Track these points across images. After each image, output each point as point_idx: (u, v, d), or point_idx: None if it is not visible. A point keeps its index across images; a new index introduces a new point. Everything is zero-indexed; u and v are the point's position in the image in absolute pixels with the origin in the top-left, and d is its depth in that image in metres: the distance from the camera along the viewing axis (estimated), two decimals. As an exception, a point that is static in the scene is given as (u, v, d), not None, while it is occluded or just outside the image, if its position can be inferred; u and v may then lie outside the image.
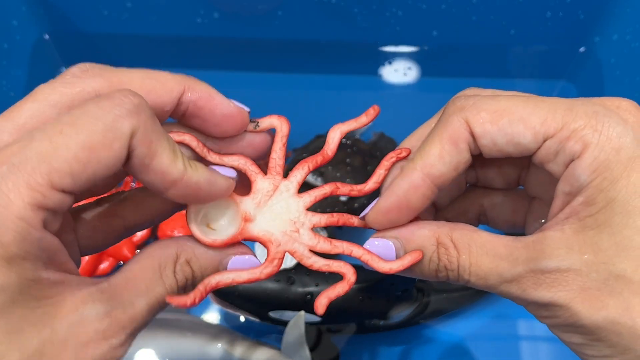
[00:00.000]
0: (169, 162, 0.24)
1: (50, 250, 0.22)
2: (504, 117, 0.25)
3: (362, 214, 0.28)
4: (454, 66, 0.64)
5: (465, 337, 0.54)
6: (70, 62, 0.64)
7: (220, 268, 0.27)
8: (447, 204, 0.32)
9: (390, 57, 0.64)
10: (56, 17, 0.61)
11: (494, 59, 0.64)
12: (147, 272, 0.25)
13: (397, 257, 0.27)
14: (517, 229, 0.32)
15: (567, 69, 0.64)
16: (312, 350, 0.49)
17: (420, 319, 0.53)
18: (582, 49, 0.62)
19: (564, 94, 0.64)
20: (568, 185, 0.25)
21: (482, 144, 0.26)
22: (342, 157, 0.55)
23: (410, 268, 0.26)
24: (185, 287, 0.26)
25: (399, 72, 0.65)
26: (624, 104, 0.26)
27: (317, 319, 0.50)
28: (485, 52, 0.63)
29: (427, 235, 0.26)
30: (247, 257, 0.28)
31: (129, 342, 0.24)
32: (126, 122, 0.22)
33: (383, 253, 0.27)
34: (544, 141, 0.25)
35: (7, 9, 0.60)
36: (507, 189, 0.31)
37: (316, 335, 0.50)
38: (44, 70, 0.63)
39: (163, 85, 0.27)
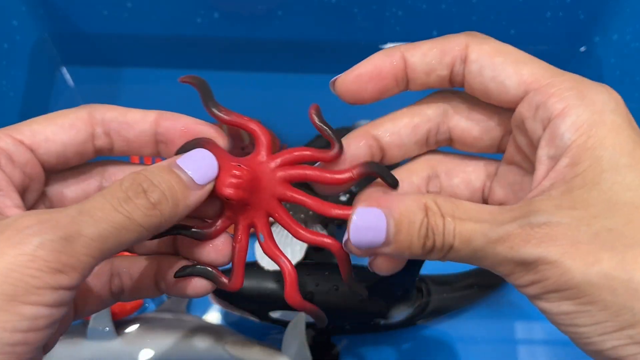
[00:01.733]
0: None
1: None
2: (502, 56, 0.26)
3: (342, 240, 0.28)
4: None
5: (465, 337, 0.54)
6: (70, 62, 0.64)
7: (172, 168, 0.26)
8: (398, 157, 0.30)
9: (390, 57, 0.64)
10: (56, 17, 0.61)
11: (494, 59, 0.64)
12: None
13: (388, 226, 0.25)
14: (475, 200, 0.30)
15: (567, 69, 0.63)
16: (312, 350, 0.49)
17: (420, 319, 0.53)
18: (582, 49, 0.62)
19: (564, 94, 0.64)
20: (552, 147, 0.25)
21: (470, 70, 0.27)
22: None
23: (398, 238, 0.25)
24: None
25: (399, 72, 0.65)
26: (608, 87, 0.26)
27: (317, 319, 0.50)
28: (485, 52, 0.63)
29: (413, 200, 0.25)
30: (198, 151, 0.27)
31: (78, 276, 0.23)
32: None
33: (371, 224, 0.25)
34: (527, 93, 0.25)
35: (7, 9, 0.60)
36: (467, 159, 0.30)
37: (316, 335, 0.50)
38: (44, 70, 0.63)
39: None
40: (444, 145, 0.30)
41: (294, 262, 0.50)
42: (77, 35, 0.63)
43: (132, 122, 0.28)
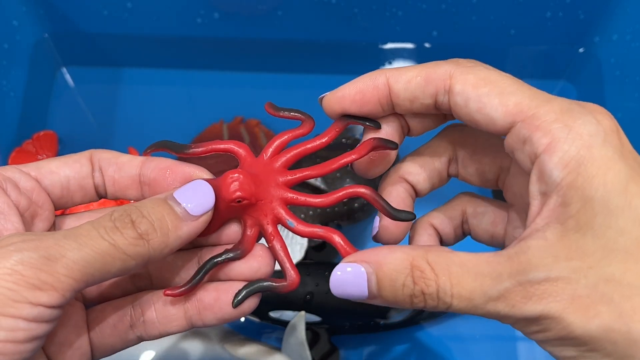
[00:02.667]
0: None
1: None
2: (487, 86, 0.25)
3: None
4: (454, 66, 0.64)
5: (465, 337, 0.54)
6: (70, 62, 0.64)
7: (167, 200, 0.26)
8: (427, 190, 0.31)
9: (390, 57, 0.64)
10: (56, 17, 0.61)
11: (494, 59, 0.64)
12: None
13: (369, 283, 0.25)
14: (495, 243, 0.31)
15: (567, 69, 0.64)
16: (312, 350, 0.49)
17: (420, 319, 0.53)
18: (582, 49, 0.62)
19: (564, 94, 0.64)
20: (543, 183, 0.24)
21: (455, 102, 0.26)
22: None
23: (382, 295, 0.25)
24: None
25: (399, 72, 0.65)
26: (599, 109, 0.25)
27: (317, 319, 0.50)
28: (485, 52, 0.63)
29: (400, 259, 0.25)
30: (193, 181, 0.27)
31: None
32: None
33: (353, 280, 0.26)
34: (514, 124, 0.25)
35: (7, 9, 0.60)
36: (491, 203, 0.31)
37: (316, 335, 0.50)
38: (44, 70, 0.63)
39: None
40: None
41: (294, 262, 0.50)
42: (77, 35, 0.63)
43: (121, 163, 0.29)
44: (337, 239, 0.28)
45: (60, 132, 0.61)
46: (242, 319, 0.53)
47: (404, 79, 0.27)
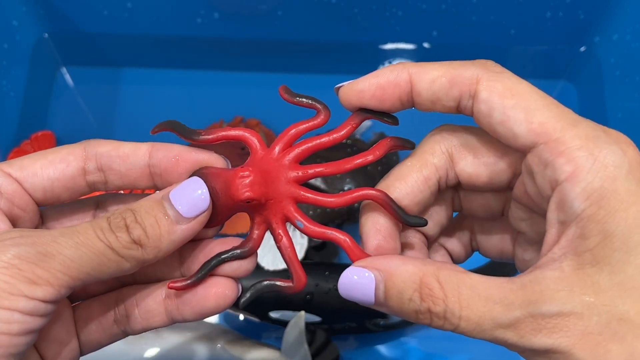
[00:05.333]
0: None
1: None
2: (514, 98, 0.24)
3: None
4: (454, 66, 0.64)
5: (465, 337, 0.54)
6: (70, 62, 0.64)
7: (162, 202, 0.26)
8: (438, 234, 0.30)
9: (390, 57, 0.64)
10: (56, 17, 0.61)
11: (494, 59, 0.63)
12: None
13: (377, 291, 0.25)
14: (505, 258, 0.31)
15: (567, 69, 0.64)
16: (312, 350, 0.49)
17: (421, 319, 0.53)
18: (582, 49, 0.62)
19: (564, 93, 0.64)
20: (562, 212, 0.24)
21: (479, 109, 0.25)
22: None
23: (388, 304, 0.25)
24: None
25: (399, 72, 0.65)
26: (624, 139, 0.25)
27: (317, 319, 0.50)
28: (485, 52, 0.63)
29: (410, 272, 0.25)
30: (187, 184, 0.27)
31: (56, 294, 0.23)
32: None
33: (361, 285, 0.25)
34: (536, 145, 0.24)
35: (7, 9, 0.60)
36: (497, 219, 0.30)
37: (316, 335, 0.50)
38: (44, 70, 0.63)
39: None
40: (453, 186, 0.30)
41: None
42: (77, 35, 0.63)
43: (124, 155, 0.27)
44: (347, 242, 0.27)
45: (59, 132, 0.61)
46: (242, 318, 0.53)
47: (428, 78, 0.26)
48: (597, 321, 0.23)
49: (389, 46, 0.64)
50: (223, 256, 0.27)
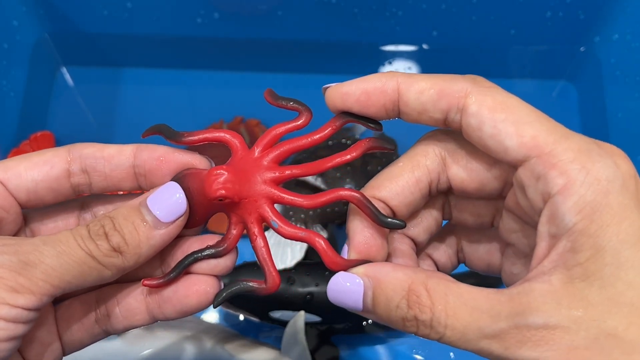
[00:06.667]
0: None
1: None
2: (504, 112, 0.24)
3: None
4: (453, 66, 0.64)
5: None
6: (70, 62, 0.64)
7: (140, 208, 0.26)
8: (427, 242, 0.30)
9: (390, 57, 0.64)
10: (56, 17, 0.61)
11: (493, 59, 0.64)
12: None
13: (365, 297, 0.25)
14: (491, 271, 0.31)
15: (567, 69, 0.64)
16: (312, 350, 0.49)
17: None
18: (582, 49, 0.62)
19: (564, 94, 0.64)
20: (553, 225, 0.23)
21: (468, 122, 0.25)
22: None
23: (376, 311, 0.25)
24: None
25: (399, 72, 0.65)
26: (618, 152, 0.24)
27: (317, 319, 0.50)
28: (485, 52, 0.63)
29: (399, 279, 0.25)
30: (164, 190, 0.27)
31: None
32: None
33: (350, 291, 0.25)
34: (527, 159, 0.24)
35: (7, 9, 0.60)
36: (485, 231, 0.30)
37: (316, 335, 0.50)
38: (44, 70, 0.63)
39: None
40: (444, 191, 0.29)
41: (293, 262, 0.50)
42: (77, 35, 0.63)
43: (109, 156, 0.28)
44: (321, 244, 0.27)
45: (59, 132, 0.61)
46: (242, 317, 0.53)
47: (416, 89, 0.26)
48: (585, 336, 0.22)
49: (389, 46, 0.64)
50: (196, 255, 0.27)
